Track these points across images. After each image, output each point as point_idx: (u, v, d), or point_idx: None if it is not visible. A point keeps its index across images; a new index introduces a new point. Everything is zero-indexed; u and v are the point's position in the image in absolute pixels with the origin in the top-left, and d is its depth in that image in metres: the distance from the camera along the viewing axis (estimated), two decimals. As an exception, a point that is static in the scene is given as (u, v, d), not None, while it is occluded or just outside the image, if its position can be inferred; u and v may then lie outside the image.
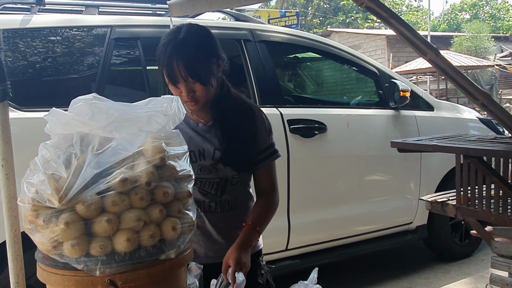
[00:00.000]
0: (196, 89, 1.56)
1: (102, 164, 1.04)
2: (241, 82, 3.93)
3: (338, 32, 22.76)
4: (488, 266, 3.78)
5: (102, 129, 1.06)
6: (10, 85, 1.36)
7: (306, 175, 3.18)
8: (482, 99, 1.77)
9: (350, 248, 3.45)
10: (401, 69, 16.30)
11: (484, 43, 19.39)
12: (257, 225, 1.63)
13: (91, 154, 1.05)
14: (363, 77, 4.38)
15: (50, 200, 1.01)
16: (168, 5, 2.12)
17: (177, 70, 1.52)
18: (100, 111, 1.09)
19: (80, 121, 1.07)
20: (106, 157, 1.05)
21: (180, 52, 1.52)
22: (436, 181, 3.82)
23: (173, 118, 1.15)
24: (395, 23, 1.55)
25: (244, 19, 3.44)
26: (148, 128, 1.10)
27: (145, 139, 1.11)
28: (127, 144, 1.08)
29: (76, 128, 1.08)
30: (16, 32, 2.53)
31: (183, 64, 1.51)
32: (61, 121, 1.08)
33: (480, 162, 2.31)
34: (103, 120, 1.07)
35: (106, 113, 1.08)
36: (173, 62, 1.51)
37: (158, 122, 1.12)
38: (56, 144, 1.09)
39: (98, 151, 1.06)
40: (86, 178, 1.01)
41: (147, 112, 1.12)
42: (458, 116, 4.12)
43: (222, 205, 1.67)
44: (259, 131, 1.71)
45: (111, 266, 1.02)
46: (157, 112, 1.12)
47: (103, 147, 1.06)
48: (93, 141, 1.07)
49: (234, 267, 1.48)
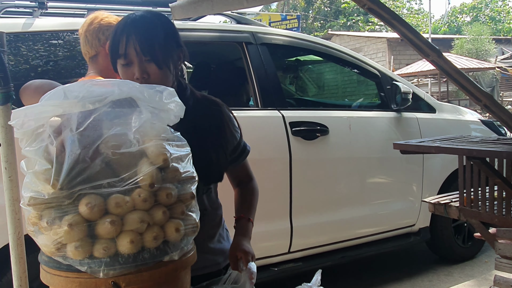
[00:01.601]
0: (150, 70, 1.38)
1: (84, 141, 1.02)
2: (242, 84, 3.94)
3: (339, 35, 22.80)
4: (491, 268, 3.78)
5: (76, 105, 1.03)
6: (13, 88, 1.37)
7: (308, 177, 3.18)
8: (484, 101, 1.77)
9: (352, 250, 3.44)
10: (402, 72, 16.31)
11: (485, 45, 19.41)
12: (249, 216, 1.63)
13: (71, 135, 1.02)
14: (364, 80, 4.39)
15: (46, 192, 1.00)
16: (170, 8, 2.12)
17: (131, 45, 1.36)
18: (71, 90, 1.06)
19: (51, 105, 1.03)
20: (89, 132, 1.03)
21: (136, 26, 1.38)
22: (439, 183, 3.82)
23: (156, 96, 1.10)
24: (397, 24, 1.55)
25: (246, 22, 3.44)
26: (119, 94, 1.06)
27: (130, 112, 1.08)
28: (105, 116, 1.05)
29: (47, 114, 1.04)
30: (18, 36, 2.54)
31: (139, 38, 1.36)
32: (29, 115, 1.04)
33: (483, 163, 2.31)
34: (75, 96, 1.04)
35: (77, 90, 1.05)
36: (128, 37, 1.36)
37: (135, 95, 1.08)
38: (29, 143, 1.05)
39: (78, 130, 1.03)
40: (75, 157, 1.00)
41: (120, 84, 1.09)
42: (460, 118, 4.12)
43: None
44: (226, 130, 1.57)
45: (114, 268, 1.02)
46: (133, 87, 1.10)
47: (82, 125, 1.03)
48: (70, 122, 1.04)
49: (246, 257, 1.47)
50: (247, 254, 1.49)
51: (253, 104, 3.22)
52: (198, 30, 3.09)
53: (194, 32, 3.04)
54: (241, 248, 1.51)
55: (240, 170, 1.70)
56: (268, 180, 3.01)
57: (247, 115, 3.09)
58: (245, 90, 3.90)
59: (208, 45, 3.68)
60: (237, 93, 3.96)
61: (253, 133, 3.01)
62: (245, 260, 1.47)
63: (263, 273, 2.98)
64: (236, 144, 1.63)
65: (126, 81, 1.13)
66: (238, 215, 1.64)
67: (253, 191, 1.72)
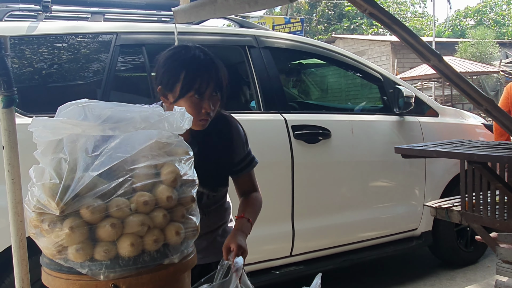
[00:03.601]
0: (216, 104, 1.60)
1: (100, 167, 1.04)
2: (245, 88, 3.95)
3: (343, 38, 22.79)
4: (494, 272, 3.76)
5: (95, 128, 1.05)
6: (16, 91, 1.38)
7: (310, 181, 3.18)
8: (486, 105, 1.77)
9: (354, 254, 3.44)
10: (406, 75, 16.28)
11: (489, 49, 19.34)
12: (249, 217, 1.70)
13: (87, 157, 1.04)
14: (367, 83, 4.39)
15: (50, 207, 1.02)
16: (173, 12, 2.13)
17: (210, 83, 1.55)
18: (93, 111, 1.08)
19: (71, 123, 1.06)
20: (106, 159, 1.05)
21: (211, 66, 1.57)
22: (441, 187, 3.81)
23: (170, 119, 1.13)
24: (398, 29, 1.55)
25: (249, 26, 3.45)
26: (140, 125, 1.09)
27: (144, 141, 1.10)
28: (125, 145, 1.07)
29: (65, 131, 1.06)
30: (22, 39, 2.56)
31: (215, 78, 1.56)
32: (48, 128, 1.07)
33: (485, 168, 2.31)
34: (97, 119, 1.06)
35: (99, 113, 1.07)
36: (205, 75, 1.54)
37: (150, 121, 1.10)
38: (44, 151, 1.08)
39: (94, 153, 1.05)
40: (84, 182, 1.01)
41: (141, 112, 1.11)
42: (463, 122, 4.11)
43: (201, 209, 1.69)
44: (234, 143, 1.74)
45: (115, 271, 1.03)
46: (151, 112, 1.12)
47: (99, 149, 1.06)
48: (86, 143, 1.06)
49: (237, 250, 1.53)
50: (239, 248, 1.55)
51: (255, 107, 3.23)
52: (201, 34, 3.11)
53: (197, 36, 3.06)
54: (235, 241, 1.57)
55: (246, 180, 1.81)
56: (270, 183, 3.01)
57: (249, 119, 3.10)
58: (247, 93, 3.91)
59: (211, 49, 3.67)
60: (239, 96, 3.97)
61: (255, 136, 3.01)
62: (234, 254, 1.53)
63: (264, 276, 2.98)
64: (244, 156, 1.77)
65: (147, 108, 1.14)
66: (239, 215, 1.72)
67: (257, 200, 1.80)
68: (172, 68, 1.56)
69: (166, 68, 1.57)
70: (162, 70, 1.58)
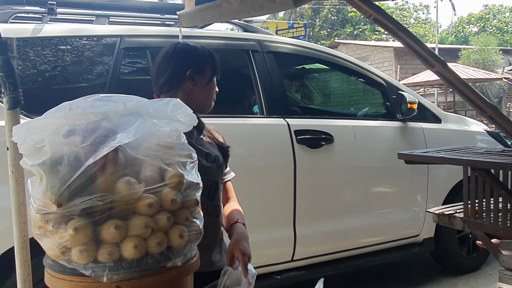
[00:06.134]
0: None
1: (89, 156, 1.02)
2: (249, 92, 3.96)
3: (346, 43, 22.83)
4: (496, 280, 3.74)
5: (79, 116, 1.04)
6: (22, 92, 1.38)
7: (313, 186, 3.18)
8: (489, 112, 1.77)
9: (356, 260, 3.43)
10: (409, 81, 16.29)
11: (492, 56, 19.34)
12: (242, 222, 1.72)
13: (76, 148, 1.02)
14: (370, 89, 4.39)
15: (49, 206, 1.02)
16: (178, 16, 2.14)
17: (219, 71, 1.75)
18: (76, 104, 1.07)
19: (54, 117, 1.04)
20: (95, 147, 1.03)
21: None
22: (444, 194, 3.80)
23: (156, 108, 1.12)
24: (402, 35, 1.55)
25: (252, 30, 3.46)
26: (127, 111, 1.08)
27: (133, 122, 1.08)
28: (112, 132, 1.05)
29: (50, 127, 1.04)
30: (27, 41, 2.57)
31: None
32: (31, 129, 1.05)
33: (488, 174, 2.30)
34: (81, 109, 1.05)
35: (82, 105, 1.06)
36: (218, 61, 1.74)
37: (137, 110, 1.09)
38: (28, 157, 1.05)
39: (83, 144, 1.03)
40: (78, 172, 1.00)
41: (124, 100, 1.11)
42: (466, 129, 4.11)
43: (213, 209, 1.71)
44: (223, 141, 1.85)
45: (118, 273, 1.03)
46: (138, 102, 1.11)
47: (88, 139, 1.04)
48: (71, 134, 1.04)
49: (243, 257, 1.52)
50: (244, 255, 1.54)
51: (258, 112, 3.23)
52: (205, 38, 3.12)
53: (201, 40, 3.06)
54: (239, 247, 1.56)
55: (229, 186, 1.86)
56: (272, 188, 3.01)
57: (252, 123, 3.10)
58: (250, 97, 3.92)
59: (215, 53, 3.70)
60: (242, 100, 3.98)
61: (258, 140, 3.02)
62: (242, 261, 1.51)
63: (265, 281, 2.97)
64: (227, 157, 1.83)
65: (132, 97, 1.15)
66: (233, 221, 1.72)
67: (238, 204, 1.83)
68: (201, 53, 1.71)
69: (196, 54, 1.71)
70: (192, 55, 1.70)
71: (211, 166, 1.67)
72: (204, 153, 1.68)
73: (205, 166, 1.64)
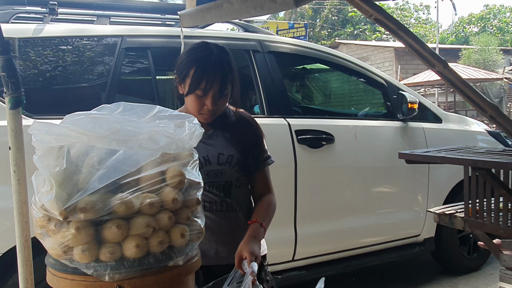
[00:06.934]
0: (220, 103, 1.69)
1: (104, 179, 1.04)
2: (249, 92, 3.95)
3: (346, 44, 22.81)
4: (496, 280, 3.74)
5: (102, 139, 1.05)
6: (24, 92, 1.39)
7: (314, 185, 3.18)
8: (490, 112, 1.77)
9: (356, 259, 3.43)
10: (409, 81, 16.27)
11: (493, 56, 19.32)
12: (262, 221, 1.70)
13: (91, 168, 1.04)
14: (371, 89, 4.39)
15: (53, 212, 1.02)
16: (179, 16, 2.14)
17: (214, 84, 1.64)
18: (101, 123, 1.08)
19: (78, 132, 1.05)
20: (109, 172, 1.05)
21: (219, 67, 1.65)
22: (444, 193, 3.80)
23: (179, 142, 1.13)
24: (403, 35, 1.56)
25: (253, 30, 3.46)
26: (147, 145, 1.09)
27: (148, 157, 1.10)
28: (130, 160, 1.07)
29: (70, 139, 1.05)
30: (28, 41, 2.57)
31: (221, 79, 1.65)
32: (52, 133, 1.05)
33: (489, 174, 2.30)
34: (105, 132, 1.06)
35: (108, 126, 1.07)
36: (212, 76, 1.63)
37: (157, 142, 1.10)
38: (43, 157, 1.06)
39: (99, 165, 1.05)
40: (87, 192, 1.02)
41: (149, 130, 1.11)
42: (466, 129, 4.11)
43: (229, 205, 1.75)
44: (258, 138, 1.84)
45: (120, 272, 1.03)
46: (159, 132, 1.12)
47: (104, 161, 1.06)
48: (91, 154, 1.06)
49: (250, 257, 1.53)
50: (251, 255, 1.54)
51: (259, 112, 3.23)
52: (206, 38, 3.11)
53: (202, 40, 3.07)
54: (247, 248, 1.57)
55: (263, 178, 1.83)
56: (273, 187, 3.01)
57: (253, 123, 3.09)
58: (251, 97, 3.92)
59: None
60: (243, 100, 3.97)
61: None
62: (249, 261, 1.52)
63: (266, 281, 2.97)
64: (262, 152, 1.83)
65: (157, 126, 1.15)
66: (252, 220, 1.72)
67: (270, 203, 1.82)
68: (186, 63, 1.66)
69: (182, 62, 1.68)
70: (180, 63, 1.69)
71: (222, 169, 1.71)
72: (216, 154, 1.71)
73: (216, 169, 1.70)
